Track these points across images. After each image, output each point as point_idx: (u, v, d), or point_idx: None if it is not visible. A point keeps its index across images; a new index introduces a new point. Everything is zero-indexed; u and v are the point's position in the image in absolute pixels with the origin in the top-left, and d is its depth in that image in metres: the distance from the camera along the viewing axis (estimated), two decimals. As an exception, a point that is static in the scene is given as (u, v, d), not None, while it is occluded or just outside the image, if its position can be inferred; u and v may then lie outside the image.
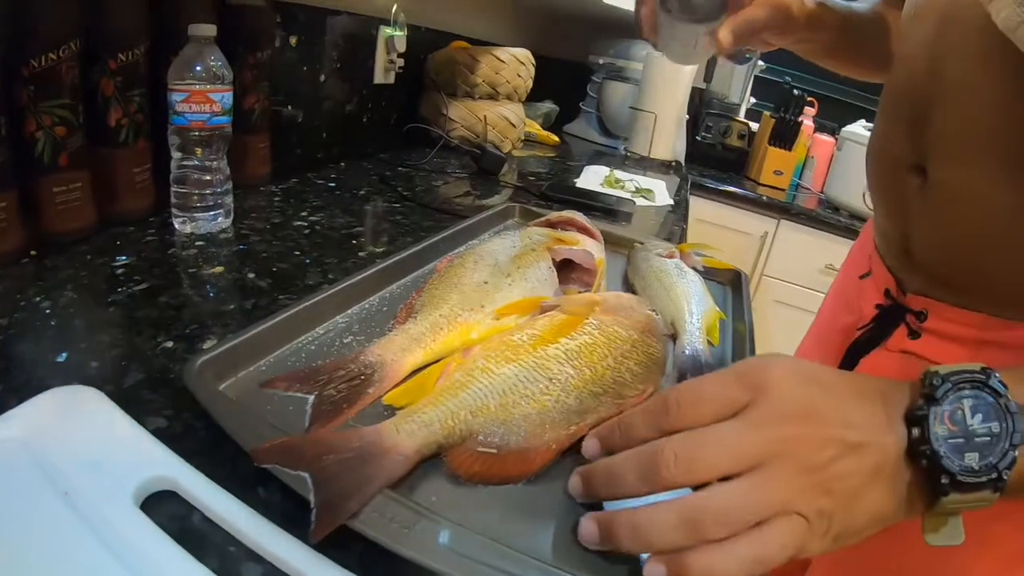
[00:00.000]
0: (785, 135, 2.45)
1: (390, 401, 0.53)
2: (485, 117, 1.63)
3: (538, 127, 2.07)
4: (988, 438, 0.38)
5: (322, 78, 1.26)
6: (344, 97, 1.36)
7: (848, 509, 0.38)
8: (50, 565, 0.35)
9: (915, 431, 0.38)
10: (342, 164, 1.34)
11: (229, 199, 0.86)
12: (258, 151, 1.06)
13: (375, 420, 0.48)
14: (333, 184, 1.18)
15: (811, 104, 2.50)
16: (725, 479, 0.37)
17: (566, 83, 2.43)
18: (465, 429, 0.48)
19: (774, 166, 2.50)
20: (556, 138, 2.08)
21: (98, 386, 0.48)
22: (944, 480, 0.37)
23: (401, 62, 1.50)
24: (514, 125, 1.72)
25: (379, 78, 1.46)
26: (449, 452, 0.48)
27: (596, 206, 1.28)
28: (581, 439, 0.49)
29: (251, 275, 0.75)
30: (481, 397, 0.50)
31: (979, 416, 0.38)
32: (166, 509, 0.41)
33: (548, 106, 2.26)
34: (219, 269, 0.75)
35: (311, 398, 0.51)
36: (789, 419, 0.38)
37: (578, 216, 0.84)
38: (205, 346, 0.58)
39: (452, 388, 0.51)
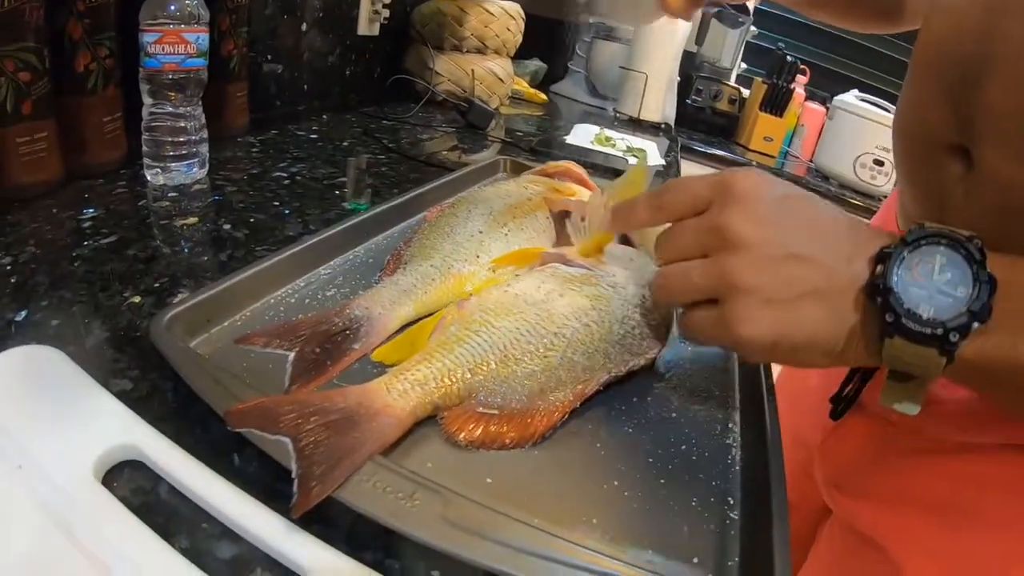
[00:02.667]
0: (776, 102, 2.41)
1: (379, 358, 0.48)
2: (472, 71, 1.57)
3: (525, 85, 2.01)
4: (950, 299, 0.37)
5: (304, 28, 1.21)
6: (327, 48, 1.31)
7: (785, 310, 0.40)
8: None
9: (878, 268, 0.39)
10: (324, 117, 1.27)
11: (204, 148, 0.81)
12: (236, 100, 1.01)
13: (362, 379, 0.44)
14: (315, 136, 1.12)
15: (803, 72, 2.46)
16: None
17: (554, 42, 2.36)
18: (463, 388, 0.44)
19: (764, 132, 2.46)
20: (544, 96, 2.02)
21: (58, 346, 0.43)
22: (889, 318, 0.37)
23: (387, 12, 1.45)
24: (502, 80, 1.66)
25: (363, 29, 1.41)
26: (446, 414, 0.43)
27: (587, 163, 1.22)
28: (589, 399, 0.45)
29: (227, 226, 0.70)
30: (481, 353, 0.45)
31: (947, 275, 0.38)
32: (131, 481, 0.36)
33: (536, 64, 2.20)
34: (192, 220, 0.70)
35: (291, 355, 0.46)
36: (738, 224, 0.41)
37: (575, 166, 0.78)
38: (176, 301, 0.52)
39: (448, 343, 0.46)
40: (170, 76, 0.72)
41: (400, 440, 0.41)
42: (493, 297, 0.50)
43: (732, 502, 0.42)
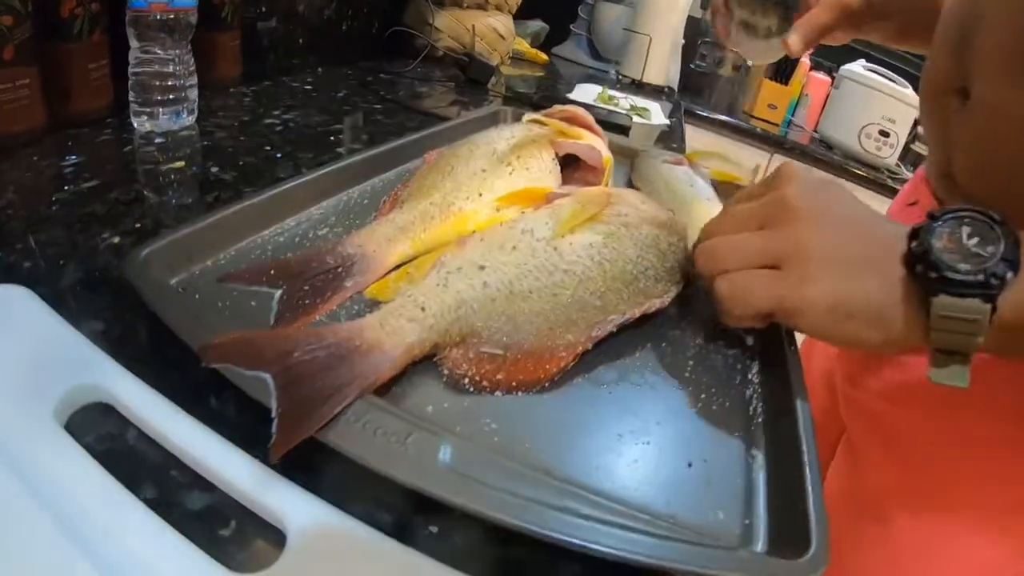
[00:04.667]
0: (782, 70, 2.37)
1: (372, 294, 0.45)
2: (473, 27, 1.52)
3: (527, 45, 1.95)
4: (982, 256, 0.40)
5: None
6: (322, 2, 1.24)
7: (844, 273, 0.42)
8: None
9: (914, 243, 0.41)
10: (319, 70, 1.22)
11: (194, 94, 0.77)
12: (229, 49, 0.97)
13: (353, 318, 0.41)
14: (309, 87, 1.07)
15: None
16: None
17: (556, 4, 2.29)
18: (466, 326, 0.40)
19: (768, 100, 2.42)
20: (545, 56, 1.96)
21: (30, 287, 0.39)
22: (933, 274, 0.40)
23: (386, -35, 1.38)
24: (503, 37, 1.60)
25: (360, -19, 1.35)
26: (446, 353, 0.40)
27: (596, 116, 1.18)
28: (601, 343, 0.42)
29: (214, 169, 0.66)
30: (484, 288, 0.42)
31: (976, 239, 0.40)
32: (98, 426, 0.33)
33: (538, 24, 2.13)
34: (179, 164, 0.66)
35: (278, 292, 0.43)
36: (797, 196, 0.45)
37: (581, 111, 0.73)
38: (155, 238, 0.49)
39: (449, 278, 0.42)
40: (157, 17, 0.68)
41: (395, 380, 0.38)
42: (498, 232, 0.46)
43: (756, 454, 0.39)
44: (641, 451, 0.37)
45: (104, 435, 0.32)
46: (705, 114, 2.26)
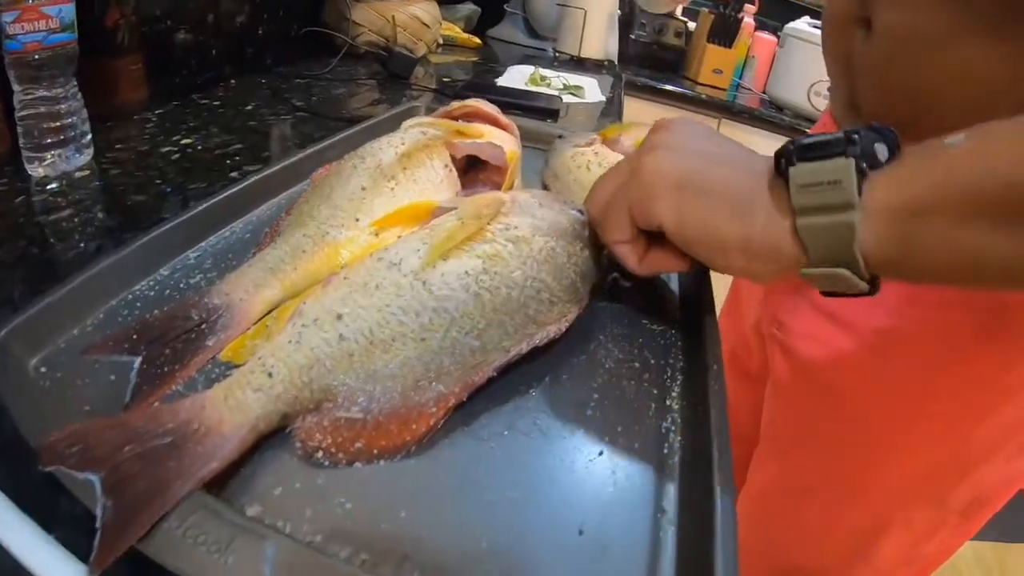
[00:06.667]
0: (725, 32, 2.31)
1: (228, 357, 0.39)
2: (393, 18, 1.45)
3: (458, 30, 1.88)
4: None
5: None
6: (234, 8, 1.17)
7: (691, 156, 0.42)
8: None
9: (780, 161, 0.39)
10: (233, 82, 1.15)
11: (86, 130, 0.70)
12: (129, 75, 0.89)
13: (208, 385, 0.36)
14: (219, 102, 1.00)
15: (751, 1, 2.36)
16: None
17: (489, -17, 2.22)
18: (319, 389, 0.35)
19: (713, 64, 2.36)
20: (478, 40, 1.89)
21: None
22: (791, 150, 0.37)
23: (299, -38, 1.31)
24: (428, 26, 1.53)
25: (274, -18, 1.27)
26: (299, 423, 0.34)
27: (521, 104, 1.14)
28: (483, 388, 0.37)
29: (101, 215, 0.60)
30: (340, 342, 0.36)
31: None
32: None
33: (469, 8, 2.06)
34: (66, 212, 0.60)
35: (137, 361, 0.37)
36: (656, 138, 0.45)
37: (484, 104, 0.67)
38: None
39: (303, 332, 0.37)
40: (35, 56, 0.62)
41: (246, 458, 0.33)
42: (363, 268, 0.40)
43: (666, 508, 0.34)
44: (522, 520, 0.32)
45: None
46: (650, 84, 2.20)
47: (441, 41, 1.73)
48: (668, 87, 2.22)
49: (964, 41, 0.49)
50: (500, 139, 0.62)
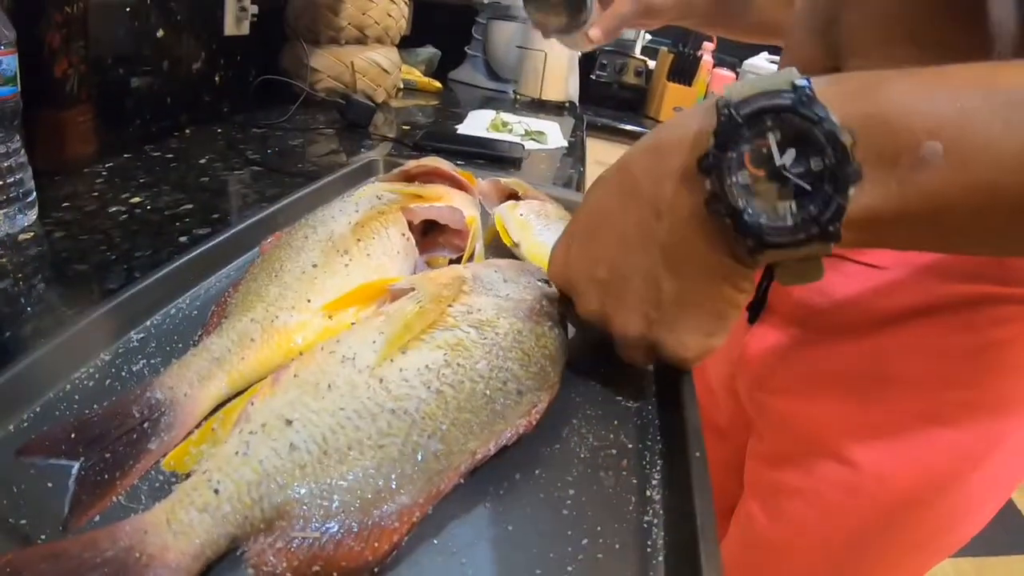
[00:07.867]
0: (684, 71, 2.34)
1: (172, 466, 0.35)
2: (352, 64, 1.43)
3: (419, 74, 1.87)
4: (807, 179, 0.31)
5: (159, 33, 1.03)
6: (189, 55, 1.13)
7: (667, 272, 0.38)
8: None
9: (708, 183, 0.33)
10: (188, 131, 1.11)
11: (31, 188, 0.67)
12: (78, 127, 0.85)
13: (152, 500, 0.32)
14: (172, 155, 0.97)
15: (709, 39, 2.39)
16: None
17: (449, 27, 2.21)
18: (270, 507, 0.31)
19: (674, 102, 2.38)
20: (438, 84, 1.88)
21: None
22: (750, 243, 0.32)
23: (255, 9, 1.30)
24: (387, 71, 1.51)
25: (230, 29, 1.25)
26: (251, 544, 0.31)
27: (482, 153, 1.12)
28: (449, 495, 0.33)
29: (40, 287, 0.56)
30: (291, 452, 0.33)
31: (791, 152, 0.31)
32: None
33: (429, 51, 2.06)
34: (6, 283, 0.56)
35: (76, 466, 0.34)
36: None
37: (442, 163, 0.64)
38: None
39: (251, 441, 0.33)
40: None
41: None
42: (314, 364, 0.37)
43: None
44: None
45: None
46: (611, 124, 2.21)
47: (402, 85, 1.72)
48: (629, 127, 2.23)
49: None
50: (459, 201, 0.59)
